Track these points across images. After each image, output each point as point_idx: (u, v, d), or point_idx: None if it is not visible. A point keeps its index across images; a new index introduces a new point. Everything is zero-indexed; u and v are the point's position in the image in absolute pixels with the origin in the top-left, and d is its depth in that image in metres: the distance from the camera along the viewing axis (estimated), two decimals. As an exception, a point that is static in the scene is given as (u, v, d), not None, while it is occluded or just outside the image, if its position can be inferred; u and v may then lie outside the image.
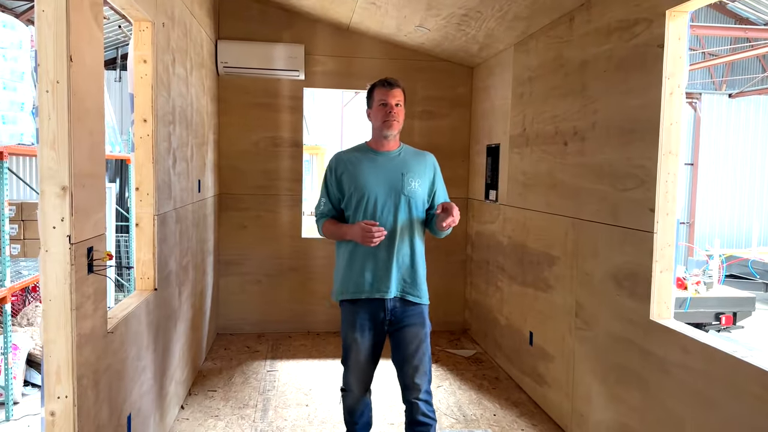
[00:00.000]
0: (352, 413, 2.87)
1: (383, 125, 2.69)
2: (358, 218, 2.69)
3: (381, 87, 2.71)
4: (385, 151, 2.76)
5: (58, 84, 1.84)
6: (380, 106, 2.69)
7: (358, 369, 2.76)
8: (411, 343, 2.68)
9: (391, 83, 2.70)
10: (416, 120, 5.33)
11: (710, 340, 2.35)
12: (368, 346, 2.73)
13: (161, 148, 3.02)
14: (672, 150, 2.63)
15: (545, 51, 3.79)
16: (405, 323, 2.70)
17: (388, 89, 2.69)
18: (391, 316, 2.70)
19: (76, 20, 1.90)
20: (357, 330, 2.72)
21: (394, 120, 2.68)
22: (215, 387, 4.01)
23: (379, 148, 2.77)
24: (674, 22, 2.58)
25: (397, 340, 2.71)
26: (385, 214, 2.67)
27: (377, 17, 4.57)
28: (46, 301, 1.88)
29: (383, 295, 2.67)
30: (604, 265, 3.05)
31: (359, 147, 2.83)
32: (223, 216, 5.14)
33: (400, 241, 2.69)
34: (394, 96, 2.68)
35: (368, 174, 2.71)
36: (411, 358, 2.67)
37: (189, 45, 3.73)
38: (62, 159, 1.85)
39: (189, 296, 3.83)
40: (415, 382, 2.66)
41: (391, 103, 2.67)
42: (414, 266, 2.72)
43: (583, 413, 3.25)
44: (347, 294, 2.73)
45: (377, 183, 2.69)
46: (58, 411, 1.92)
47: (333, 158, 2.84)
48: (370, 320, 2.71)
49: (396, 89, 2.70)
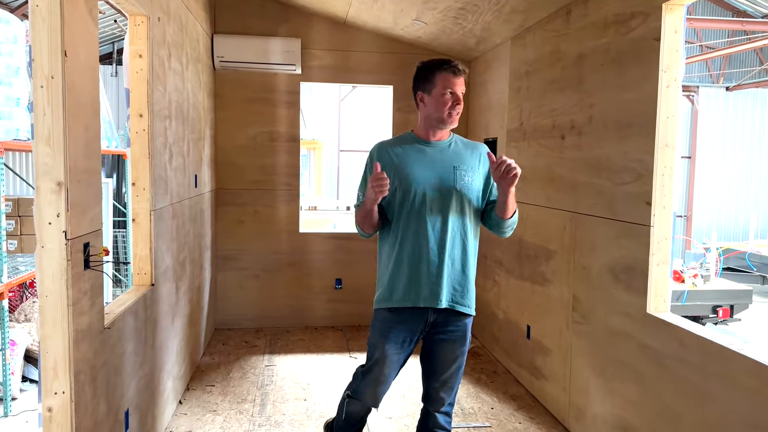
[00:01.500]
0: (351, 422, 2.64)
1: (446, 118, 2.37)
2: (402, 217, 2.38)
3: (446, 72, 2.34)
4: (435, 141, 2.44)
5: (52, 79, 1.83)
6: (445, 94, 2.34)
7: (380, 383, 2.49)
8: (446, 359, 2.43)
9: (459, 69, 2.35)
10: (413, 114, 5.30)
11: (706, 333, 2.35)
12: (398, 361, 2.45)
13: (157, 143, 3.01)
14: (669, 143, 2.63)
15: (542, 45, 3.79)
16: (446, 337, 2.42)
17: (456, 77, 2.35)
18: (431, 327, 2.42)
19: (71, 15, 1.89)
20: (391, 343, 2.41)
21: (458, 114, 2.38)
22: (213, 382, 4.02)
23: (429, 138, 2.44)
24: (670, 15, 2.58)
25: (432, 349, 2.46)
26: (435, 212, 2.35)
27: (374, 11, 4.55)
28: (42, 297, 1.88)
29: (432, 305, 2.35)
30: (601, 259, 3.06)
31: (404, 136, 2.50)
32: (221, 211, 5.13)
33: (452, 243, 2.36)
34: (462, 84, 2.36)
35: (415, 166, 2.39)
36: (442, 374, 2.45)
37: (185, 39, 3.72)
38: (57, 155, 1.85)
39: (186, 291, 3.83)
40: (440, 396, 2.48)
41: (459, 93, 2.35)
42: (466, 271, 2.40)
43: (580, 406, 3.26)
44: (391, 302, 2.40)
45: (426, 176, 2.37)
46: (55, 407, 1.92)
47: (374, 148, 2.50)
48: (410, 333, 2.42)
49: (463, 77, 2.37)
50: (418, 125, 2.49)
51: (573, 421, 3.34)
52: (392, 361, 2.44)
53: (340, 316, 5.39)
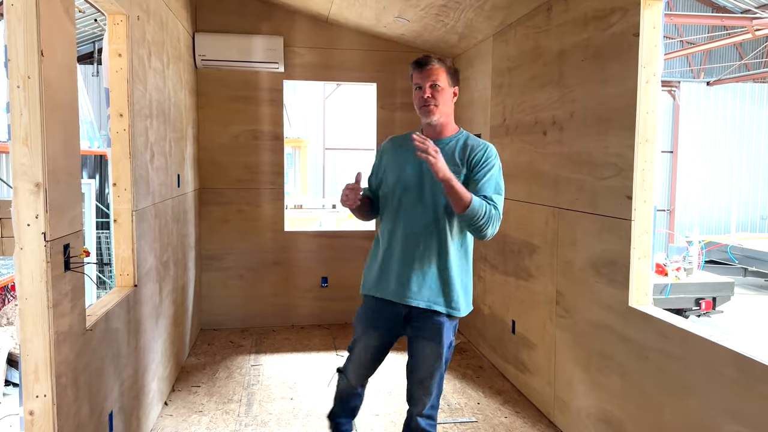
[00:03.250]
0: (340, 398, 2.73)
1: (420, 112, 2.37)
2: (384, 212, 2.48)
3: (414, 69, 2.36)
4: (434, 139, 2.38)
5: (29, 79, 1.81)
6: (415, 90, 2.36)
7: (359, 363, 2.60)
8: (420, 358, 2.43)
9: (421, 62, 2.33)
10: (397, 112, 5.33)
11: (687, 325, 2.38)
12: (374, 346, 2.53)
13: (138, 142, 2.99)
14: (648, 138, 2.65)
15: (523, 41, 3.80)
16: (420, 335, 2.42)
17: (420, 70, 2.33)
18: (407, 322, 2.44)
19: (47, 14, 1.87)
20: (367, 327, 2.53)
21: (431, 104, 2.32)
22: (199, 383, 4.00)
23: (428, 135, 2.42)
24: (649, 11, 2.60)
25: (409, 347, 2.48)
26: (408, 209, 2.38)
27: (356, 8, 4.54)
28: (21, 300, 1.86)
29: (400, 300, 2.40)
30: (583, 253, 3.08)
31: (412, 132, 2.42)
32: (204, 210, 5.10)
33: (424, 241, 2.35)
34: (429, 76, 2.31)
35: (400, 162, 2.43)
36: (417, 372, 2.45)
37: (165, 38, 3.69)
38: (35, 155, 1.83)
39: (170, 292, 3.80)
40: (417, 394, 2.47)
41: (425, 84, 2.32)
42: (443, 271, 2.37)
43: (565, 400, 3.28)
44: (364, 288, 2.55)
45: (405, 173, 2.39)
46: (36, 410, 1.90)
47: (387, 140, 2.60)
48: (384, 321, 2.48)
49: (430, 67, 2.31)
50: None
51: (558, 414, 3.37)
52: (368, 345, 2.53)
53: (327, 314, 5.38)
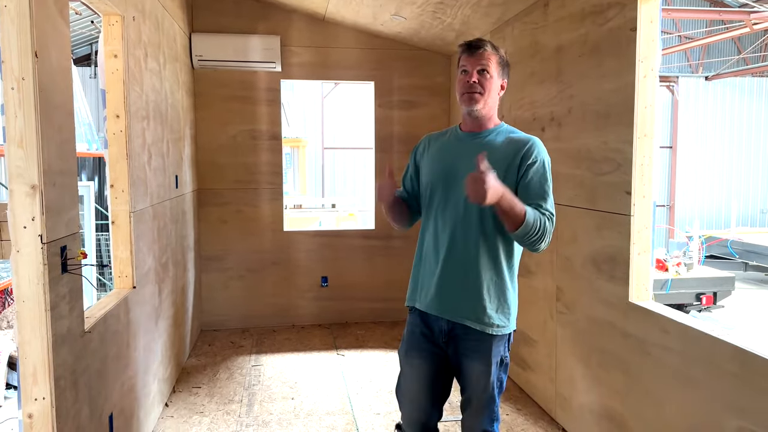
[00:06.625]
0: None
1: (461, 99, 2.12)
2: (425, 215, 2.22)
3: (463, 52, 2.13)
4: (473, 132, 2.17)
5: (23, 81, 1.80)
6: (460, 74, 2.12)
7: (409, 400, 2.25)
8: (469, 378, 2.17)
9: (472, 45, 2.10)
10: (395, 110, 5.32)
11: (688, 320, 2.38)
12: (427, 374, 2.20)
13: (135, 143, 2.98)
14: (647, 133, 2.64)
15: (521, 37, 3.79)
16: (466, 352, 2.14)
17: (470, 53, 2.09)
18: (446, 336, 2.16)
19: (41, 15, 1.86)
20: (412, 348, 2.21)
21: (476, 92, 2.08)
22: (200, 383, 3.99)
23: (466, 129, 2.20)
24: (646, 5, 2.59)
25: (454, 364, 2.21)
26: (450, 212, 2.10)
27: (353, 6, 4.53)
28: (19, 303, 1.85)
29: (439, 314, 2.13)
30: (583, 250, 3.07)
31: (451, 128, 2.29)
32: (203, 211, 5.09)
33: (466, 248, 2.08)
34: (478, 61, 2.07)
35: (438, 160, 2.18)
36: (466, 391, 2.22)
37: (161, 39, 3.68)
38: (30, 157, 1.82)
39: (170, 293, 3.79)
40: (471, 426, 2.23)
41: (472, 70, 2.08)
42: (488, 282, 2.09)
43: (566, 396, 3.28)
44: (408, 300, 2.26)
45: (444, 172, 2.14)
46: (36, 413, 1.90)
47: (423, 138, 2.33)
48: (426, 339, 2.18)
49: (481, 51, 2.08)
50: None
51: (559, 410, 3.36)
52: (420, 371, 2.20)
53: (327, 314, 5.38)
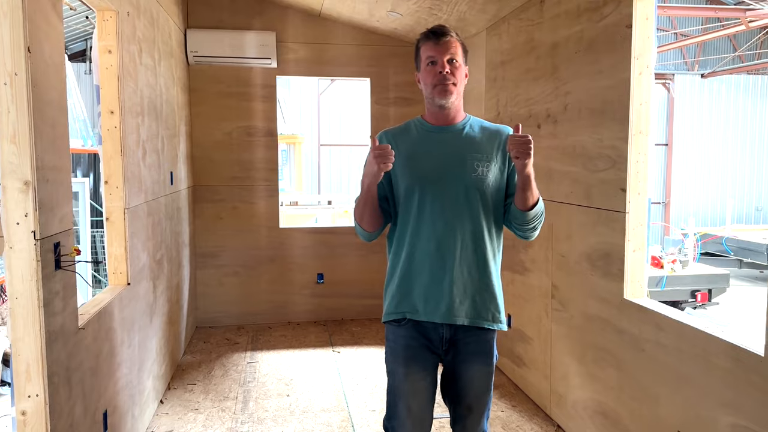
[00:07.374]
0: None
1: (434, 92, 1.99)
2: (406, 220, 2.04)
3: (427, 40, 2.00)
4: (444, 126, 2.07)
5: (16, 76, 1.79)
6: (428, 65, 1.99)
7: (416, 421, 2.08)
8: (471, 382, 2.08)
9: (437, 32, 1.98)
10: (391, 107, 5.31)
11: (682, 317, 2.38)
12: (431, 389, 2.08)
13: (130, 140, 2.97)
14: (642, 130, 2.64)
15: (517, 34, 3.79)
16: (468, 357, 2.05)
17: (436, 41, 1.97)
18: (447, 343, 2.05)
19: (34, 10, 1.85)
20: (415, 363, 2.05)
21: (450, 82, 1.97)
22: (195, 380, 3.99)
23: (436, 122, 2.08)
24: (642, 2, 2.59)
25: (453, 372, 2.09)
26: (450, 213, 1.99)
27: (348, 2, 4.52)
28: (12, 299, 1.84)
29: (441, 320, 2.00)
30: (578, 247, 3.07)
31: (410, 123, 2.15)
32: (198, 208, 5.08)
33: (464, 247, 1.99)
34: (447, 49, 1.96)
35: (418, 157, 2.04)
36: (466, 399, 2.09)
37: (156, 34, 3.66)
38: (23, 153, 1.81)
39: (165, 290, 3.78)
40: (467, 427, 2.13)
41: (442, 59, 1.96)
42: (485, 279, 2.03)
43: (561, 393, 3.28)
44: (392, 314, 2.07)
45: (430, 169, 2.02)
46: (29, 410, 1.89)
47: (378, 136, 2.10)
48: (432, 346, 2.05)
49: (448, 39, 1.97)
50: (426, 110, 2.13)
51: (554, 407, 3.37)
52: (421, 386, 2.06)
53: (323, 310, 5.38)
